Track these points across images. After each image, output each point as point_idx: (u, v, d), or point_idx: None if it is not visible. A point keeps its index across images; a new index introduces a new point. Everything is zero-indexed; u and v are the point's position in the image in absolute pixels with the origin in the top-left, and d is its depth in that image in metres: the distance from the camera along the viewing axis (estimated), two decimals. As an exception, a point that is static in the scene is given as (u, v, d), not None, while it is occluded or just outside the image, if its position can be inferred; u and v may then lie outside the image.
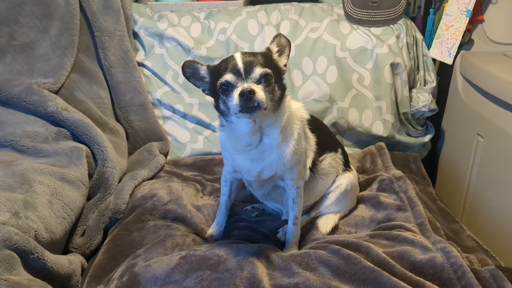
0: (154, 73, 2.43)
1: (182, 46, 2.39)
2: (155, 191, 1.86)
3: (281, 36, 1.46)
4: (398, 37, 2.36)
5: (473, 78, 2.18)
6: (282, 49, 1.46)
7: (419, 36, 2.44)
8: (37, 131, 1.87)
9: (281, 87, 1.43)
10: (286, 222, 1.66)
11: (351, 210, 1.78)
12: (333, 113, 2.37)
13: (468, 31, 2.31)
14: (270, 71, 1.34)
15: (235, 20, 2.41)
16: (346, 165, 1.77)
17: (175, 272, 1.35)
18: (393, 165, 2.04)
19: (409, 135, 2.48)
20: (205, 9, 2.52)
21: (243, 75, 1.32)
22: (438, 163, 2.60)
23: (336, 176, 1.72)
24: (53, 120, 1.93)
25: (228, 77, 1.32)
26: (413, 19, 2.57)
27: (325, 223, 1.67)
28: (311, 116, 1.62)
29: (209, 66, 1.44)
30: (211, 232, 1.69)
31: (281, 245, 1.62)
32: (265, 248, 1.48)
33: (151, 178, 2.05)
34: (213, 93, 1.44)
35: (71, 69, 2.14)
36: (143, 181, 1.99)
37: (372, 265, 1.34)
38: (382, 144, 2.26)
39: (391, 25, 2.38)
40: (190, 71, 1.44)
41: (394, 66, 2.34)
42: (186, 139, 2.40)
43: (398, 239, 1.51)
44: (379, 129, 2.36)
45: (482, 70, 2.08)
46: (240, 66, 1.32)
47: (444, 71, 2.54)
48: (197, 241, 1.63)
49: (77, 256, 1.62)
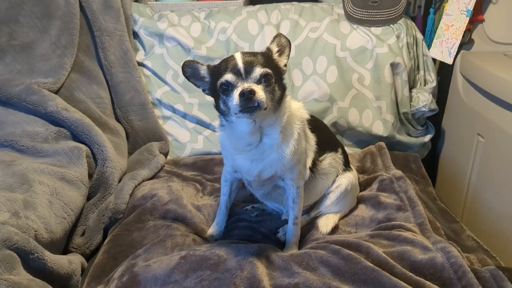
0: (154, 73, 2.42)
1: (182, 46, 2.39)
2: (155, 191, 1.86)
3: (281, 36, 1.46)
4: (398, 37, 2.36)
5: (473, 78, 2.18)
6: (282, 49, 1.46)
7: (419, 36, 2.44)
8: (37, 131, 1.87)
9: (281, 87, 1.42)
10: (286, 222, 1.66)
11: (351, 210, 1.78)
12: (333, 113, 2.37)
13: (468, 31, 2.31)
14: (270, 71, 1.34)
15: (235, 20, 2.41)
16: (346, 165, 1.77)
17: (175, 272, 1.35)
18: (393, 165, 2.04)
19: (409, 135, 2.48)
20: (205, 9, 2.52)
21: (243, 75, 1.32)
22: (438, 163, 2.60)
23: (336, 176, 1.72)
24: (53, 120, 1.93)
25: (228, 77, 1.32)
26: (413, 19, 2.56)
27: (325, 223, 1.67)
28: (311, 116, 1.62)
29: (209, 66, 1.44)
30: (211, 232, 1.69)
31: (281, 245, 1.62)
32: (265, 248, 1.48)
33: (151, 178, 2.05)
34: (213, 93, 1.44)
35: (71, 69, 2.14)
36: (143, 181, 1.99)
37: (372, 265, 1.34)
38: (382, 144, 2.26)
39: (391, 25, 2.38)
40: (190, 71, 1.44)
41: (394, 66, 2.34)
42: (186, 139, 2.39)
43: (398, 239, 1.51)
44: (379, 129, 2.36)
45: (482, 70, 2.08)
46: (240, 66, 1.32)
47: (444, 71, 2.54)
48: (197, 241, 1.62)
49: (77, 256, 1.62)
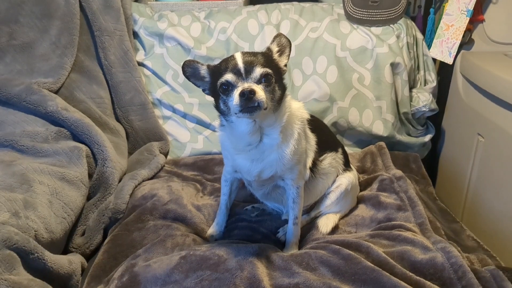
0: (154, 73, 2.42)
1: (182, 46, 2.39)
2: (155, 191, 1.86)
3: (282, 36, 1.46)
4: (398, 36, 2.36)
5: (474, 78, 2.18)
6: (283, 49, 1.46)
7: (419, 35, 2.44)
8: (37, 131, 1.87)
9: (282, 87, 1.42)
10: (286, 222, 1.66)
11: (351, 210, 1.78)
12: (333, 113, 2.37)
13: (469, 30, 2.30)
14: (270, 71, 1.34)
15: (235, 20, 2.41)
16: (347, 165, 1.77)
17: (175, 272, 1.34)
18: (393, 164, 2.04)
19: (409, 134, 2.48)
20: (205, 8, 2.52)
21: (244, 75, 1.32)
22: (438, 163, 2.60)
23: (337, 176, 1.72)
24: (53, 120, 1.93)
25: (229, 77, 1.32)
26: (413, 19, 2.56)
27: (325, 223, 1.67)
28: (311, 116, 1.62)
29: (209, 66, 1.44)
30: (211, 232, 1.69)
31: (281, 245, 1.62)
32: (265, 248, 1.48)
33: (151, 178, 2.05)
34: (213, 92, 1.43)
35: (71, 69, 2.14)
36: (143, 181, 1.99)
37: (373, 265, 1.34)
38: (383, 143, 2.26)
39: (391, 25, 2.38)
40: (190, 70, 1.44)
41: (394, 66, 2.33)
42: (186, 139, 2.39)
43: (399, 239, 1.50)
44: (379, 128, 2.36)
45: (482, 70, 2.08)
46: (241, 66, 1.32)
47: (444, 71, 2.54)
48: (197, 241, 1.62)
49: (77, 256, 1.62)
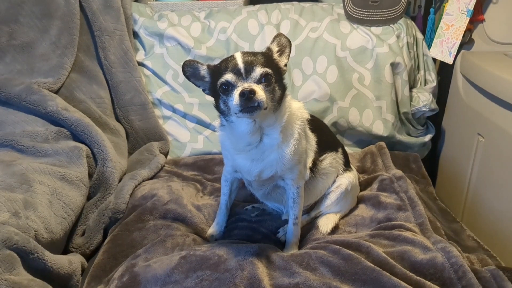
0: (154, 73, 2.42)
1: (182, 46, 2.39)
2: (155, 191, 1.86)
3: (282, 35, 1.45)
4: (398, 36, 2.35)
5: (474, 77, 2.18)
6: (283, 49, 1.46)
7: (420, 35, 2.44)
8: (37, 131, 1.87)
9: (282, 87, 1.42)
10: (286, 222, 1.66)
11: (352, 210, 1.78)
12: (333, 113, 2.37)
13: (469, 30, 2.30)
14: (270, 71, 1.34)
15: (235, 20, 2.40)
16: (347, 165, 1.77)
17: (175, 272, 1.34)
18: (393, 164, 2.04)
19: (409, 134, 2.48)
20: (205, 8, 2.52)
21: (244, 75, 1.32)
22: (439, 163, 2.60)
23: (337, 176, 1.72)
24: (53, 119, 1.93)
25: (229, 76, 1.32)
26: (414, 19, 2.56)
27: (326, 223, 1.67)
28: (312, 115, 1.62)
29: (210, 66, 1.44)
30: (211, 232, 1.69)
31: (282, 245, 1.62)
32: (265, 248, 1.48)
33: (151, 178, 2.05)
34: (214, 92, 1.43)
35: (71, 69, 2.14)
36: (143, 181, 1.99)
37: (373, 265, 1.34)
38: (383, 143, 2.26)
39: (392, 25, 2.38)
40: (190, 70, 1.44)
41: (394, 66, 2.33)
42: (186, 139, 2.39)
43: (399, 239, 1.50)
44: (380, 128, 2.36)
45: (482, 69, 2.08)
46: (241, 65, 1.32)
47: (444, 71, 2.54)
48: (197, 241, 1.62)
49: (77, 256, 1.62)
